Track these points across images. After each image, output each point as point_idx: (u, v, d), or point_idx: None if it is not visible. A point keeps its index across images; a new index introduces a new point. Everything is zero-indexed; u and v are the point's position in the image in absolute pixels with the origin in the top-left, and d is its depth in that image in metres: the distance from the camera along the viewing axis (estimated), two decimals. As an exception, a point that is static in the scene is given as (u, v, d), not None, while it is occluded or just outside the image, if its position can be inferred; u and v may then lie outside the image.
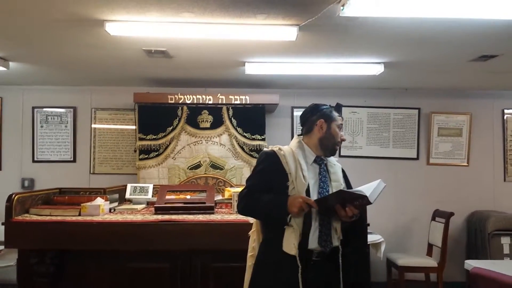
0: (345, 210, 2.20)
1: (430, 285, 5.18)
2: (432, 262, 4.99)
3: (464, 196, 5.75)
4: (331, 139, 2.44)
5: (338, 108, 2.59)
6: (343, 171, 2.55)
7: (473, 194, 5.77)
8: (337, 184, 2.41)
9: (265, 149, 2.50)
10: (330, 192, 2.35)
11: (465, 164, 5.83)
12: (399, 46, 3.88)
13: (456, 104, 5.84)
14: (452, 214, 5.00)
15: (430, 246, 5.30)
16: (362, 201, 2.17)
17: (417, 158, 5.82)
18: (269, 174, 2.35)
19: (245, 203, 2.35)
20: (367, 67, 4.46)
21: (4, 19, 3.22)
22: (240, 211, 2.39)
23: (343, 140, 2.51)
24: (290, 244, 2.24)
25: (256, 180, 2.37)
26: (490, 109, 5.89)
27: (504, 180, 5.86)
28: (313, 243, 2.27)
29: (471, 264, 3.44)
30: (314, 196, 2.31)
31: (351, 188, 2.47)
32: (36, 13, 3.07)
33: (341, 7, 2.77)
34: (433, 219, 5.33)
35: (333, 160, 2.53)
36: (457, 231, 5.71)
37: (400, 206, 5.76)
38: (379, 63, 4.39)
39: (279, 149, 2.42)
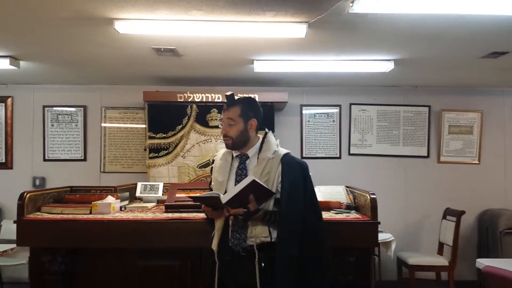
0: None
1: (441, 284, 5.15)
2: (443, 261, 4.96)
3: (475, 194, 5.70)
4: None
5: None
6: (284, 166, 2.40)
7: (484, 192, 5.73)
8: (260, 179, 2.34)
9: None
10: None
11: (476, 162, 5.78)
12: (409, 43, 3.85)
13: (466, 102, 5.79)
14: (463, 212, 4.96)
15: (441, 245, 5.26)
16: (217, 201, 2.29)
17: (428, 156, 5.78)
18: (210, 177, 2.66)
19: None
20: (377, 64, 4.43)
21: (14, 18, 3.24)
22: None
23: (222, 134, 2.50)
24: (214, 241, 2.47)
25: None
26: (501, 106, 5.83)
27: (516, 178, 5.81)
28: (228, 242, 2.39)
29: (483, 262, 3.42)
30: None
31: (286, 181, 2.36)
32: (45, 11, 3.09)
33: (351, 4, 2.77)
34: (444, 217, 5.29)
35: (267, 154, 2.42)
36: (468, 229, 5.67)
37: (411, 205, 5.73)
38: (389, 60, 4.37)
39: (218, 153, 2.62)
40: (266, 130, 2.53)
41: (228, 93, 2.49)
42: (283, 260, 2.26)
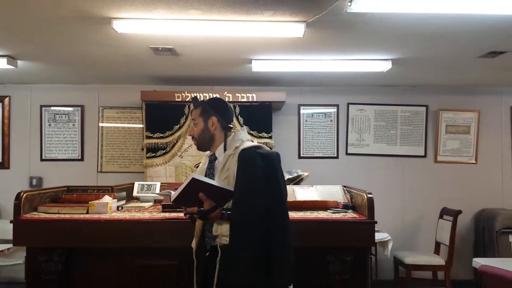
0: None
1: (437, 283, 5.16)
2: (439, 260, 4.97)
3: (472, 194, 5.71)
4: None
5: None
6: (239, 161, 2.31)
7: (481, 192, 5.74)
8: (220, 177, 2.35)
9: None
10: None
11: (473, 161, 5.80)
12: (406, 43, 3.86)
13: (464, 101, 5.81)
14: (459, 212, 4.97)
15: (437, 244, 5.27)
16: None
17: (425, 156, 5.79)
18: None
19: None
20: (375, 64, 4.44)
21: (12, 17, 3.23)
22: None
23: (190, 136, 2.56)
24: (194, 240, 2.50)
25: None
26: (498, 106, 5.85)
27: (513, 178, 5.82)
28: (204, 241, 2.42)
29: (479, 262, 3.43)
30: None
31: (242, 176, 2.27)
32: (43, 11, 3.08)
33: (349, 3, 2.77)
34: (441, 217, 5.30)
35: (229, 151, 2.38)
36: (465, 229, 5.68)
37: (408, 204, 5.74)
38: (387, 59, 4.37)
39: None
40: (231, 125, 2.49)
41: (193, 96, 2.58)
42: (235, 261, 2.18)
